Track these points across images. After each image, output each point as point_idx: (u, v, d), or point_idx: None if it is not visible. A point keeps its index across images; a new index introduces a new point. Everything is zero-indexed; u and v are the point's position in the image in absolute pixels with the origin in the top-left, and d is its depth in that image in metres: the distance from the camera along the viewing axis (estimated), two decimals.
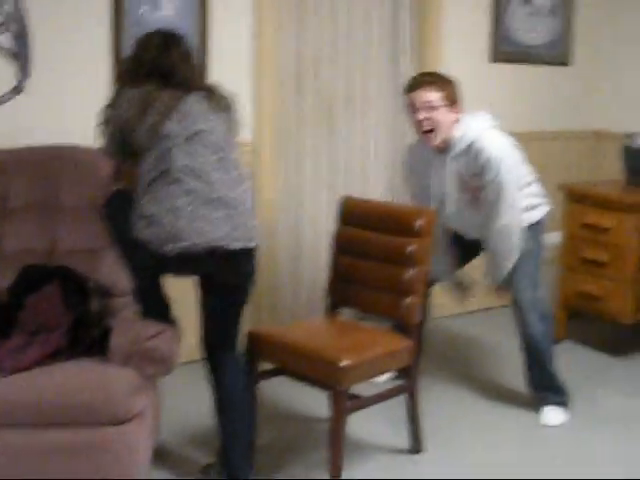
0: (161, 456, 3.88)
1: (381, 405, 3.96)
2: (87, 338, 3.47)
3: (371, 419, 4.20)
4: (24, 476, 3.21)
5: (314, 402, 4.29)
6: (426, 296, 4.49)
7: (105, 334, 3.45)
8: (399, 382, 4.02)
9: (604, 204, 5.24)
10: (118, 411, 3.19)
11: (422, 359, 4.36)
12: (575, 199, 5.41)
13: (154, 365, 3.30)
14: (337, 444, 3.61)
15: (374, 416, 4.16)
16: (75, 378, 3.23)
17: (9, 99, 4.19)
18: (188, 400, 4.46)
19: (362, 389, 3.84)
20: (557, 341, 5.49)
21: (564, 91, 6.42)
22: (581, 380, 4.95)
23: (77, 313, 3.54)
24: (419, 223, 3.88)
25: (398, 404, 4.01)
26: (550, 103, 6.32)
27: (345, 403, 3.61)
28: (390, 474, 3.87)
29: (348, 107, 5.51)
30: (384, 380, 4.35)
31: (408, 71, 5.61)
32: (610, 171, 6.11)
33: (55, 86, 4.37)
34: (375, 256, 3.99)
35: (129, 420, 3.23)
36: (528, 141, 6.15)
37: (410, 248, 3.87)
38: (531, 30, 6.10)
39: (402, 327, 3.99)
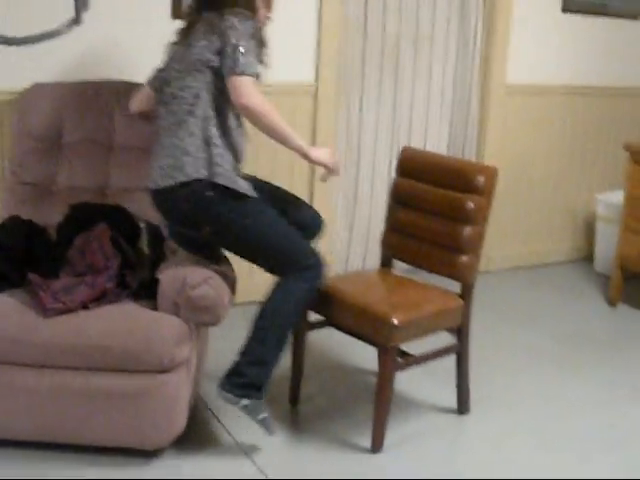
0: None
1: (433, 362, 3.86)
2: (136, 282, 3.43)
3: (420, 375, 4.13)
4: (65, 417, 3.21)
5: (364, 354, 4.18)
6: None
7: (155, 278, 3.40)
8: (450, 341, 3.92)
9: None
10: (162, 360, 3.15)
11: (477, 314, 4.22)
12: (639, 159, 5.23)
13: (200, 314, 3.25)
14: (383, 402, 3.53)
15: (423, 372, 4.08)
16: (120, 323, 3.20)
17: (67, 31, 4.11)
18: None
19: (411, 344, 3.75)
20: (611, 303, 5.41)
21: (638, 46, 6.18)
22: (628, 345, 4.86)
23: (127, 255, 3.49)
24: (480, 180, 3.72)
25: (448, 361, 3.92)
26: (622, 58, 6.11)
27: (394, 361, 3.52)
28: (433, 435, 3.80)
29: (414, 51, 5.37)
30: None
31: (477, 19, 5.46)
32: None
33: (114, 19, 4.29)
34: (433, 210, 3.84)
35: (173, 369, 3.20)
36: (597, 96, 6.03)
37: (470, 205, 3.71)
38: None
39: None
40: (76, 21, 4.14)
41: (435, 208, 3.84)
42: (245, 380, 3.39)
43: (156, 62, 4.33)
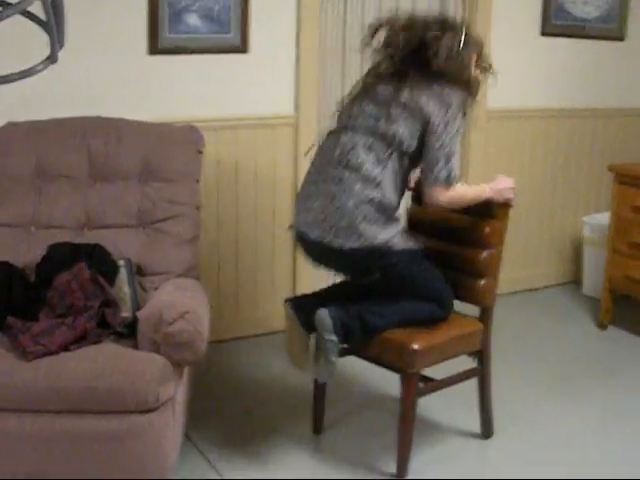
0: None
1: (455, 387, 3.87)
2: (117, 321, 3.38)
3: (443, 400, 4.09)
4: (50, 462, 3.13)
5: (385, 381, 4.20)
6: None
7: (135, 317, 3.34)
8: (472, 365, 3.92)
9: None
10: (146, 398, 3.07)
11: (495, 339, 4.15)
12: (625, 181, 5.19)
13: (179, 350, 3.17)
14: (407, 427, 3.57)
15: (447, 397, 4.03)
16: (102, 364, 3.12)
17: (43, 69, 4.05)
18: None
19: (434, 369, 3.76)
20: (602, 326, 5.37)
21: (618, 67, 6.17)
22: (622, 368, 4.86)
23: (107, 294, 3.43)
24: (495, 204, 3.78)
25: (471, 385, 3.92)
26: (603, 79, 6.10)
27: (416, 386, 3.58)
28: (458, 458, 3.83)
29: None
30: None
31: None
32: None
33: (90, 57, 4.25)
34: (450, 237, 3.88)
35: (158, 408, 3.12)
36: (578, 118, 6.01)
37: (487, 229, 3.75)
38: (585, 3, 5.87)
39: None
40: (52, 59, 4.08)
41: (452, 234, 3.87)
42: (347, 322, 3.47)
43: (134, 98, 4.33)
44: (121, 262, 3.60)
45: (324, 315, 3.44)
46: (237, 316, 4.93)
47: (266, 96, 4.76)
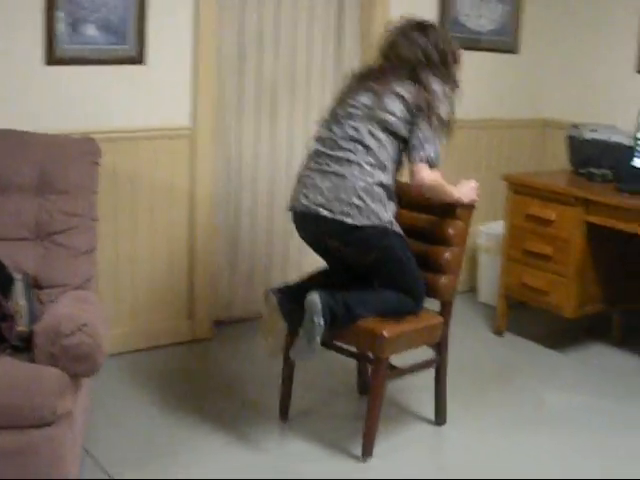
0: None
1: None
2: (13, 335, 3.34)
3: (404, 390, 4.47)
4: None
5: (348, 373, 4.61)
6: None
7: (32, 330, 3.31)
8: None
9: (547, 196, 5.16)
10: (43, 412, 3.04)
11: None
12: (518, 190, 5.33)
13: (77, 363, 3.14)
14: (376, 408, 3.87)
15: (404, 391, 4.44)
16: None
17: None
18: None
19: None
20: (498, 332, 5.48)
21: (512, 79, 6.32)
22: (521, 373, 4.98)
23: (2, 308, 3.39)
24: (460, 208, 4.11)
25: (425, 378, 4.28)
26: (498, 91, 6.24)
27: (386, 370, 3.88)
28: (414, 446, 4.10)
29: (290, 92, 5.40)
30: None
31: (353, 55, 5.51)
32: (559, 161, 6.04)
33: None
34: (415, 234, 4.12)
35: (55, 422, 3.09)
36: (474, 129, 6.12)
37: (451, 230, 4.06)
38: (480, 16, 6.00)
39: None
40: None
41: (417, 232, 4.15)
42: (334, 308, 3.72)
43: (30, 109, 4.28)
44: (17, 275, 3.56)
45: (315, 298, 3.68)
46: (135, 328, 4.91)
47: (163, 107, 4.76)
